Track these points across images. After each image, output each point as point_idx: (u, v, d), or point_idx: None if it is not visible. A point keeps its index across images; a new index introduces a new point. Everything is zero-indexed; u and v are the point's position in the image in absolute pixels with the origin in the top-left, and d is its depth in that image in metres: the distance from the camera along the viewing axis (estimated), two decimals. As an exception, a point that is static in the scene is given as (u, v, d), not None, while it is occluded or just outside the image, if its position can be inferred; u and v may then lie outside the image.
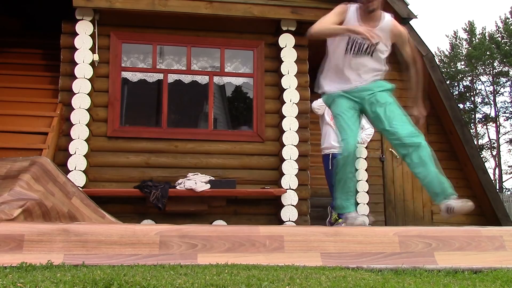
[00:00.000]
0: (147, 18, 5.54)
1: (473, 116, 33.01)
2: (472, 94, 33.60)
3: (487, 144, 33.05)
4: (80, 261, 2.45)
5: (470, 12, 60.70)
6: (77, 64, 5.28)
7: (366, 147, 7.40)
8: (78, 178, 4.99)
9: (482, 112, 33.62)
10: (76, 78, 5.26)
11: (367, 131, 5.75)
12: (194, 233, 2.76)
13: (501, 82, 32.67)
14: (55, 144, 5.19)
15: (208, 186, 5.15)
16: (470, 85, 33.66)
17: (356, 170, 5.18)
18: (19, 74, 6.03)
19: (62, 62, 5.40)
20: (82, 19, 5.35)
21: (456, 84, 33.20)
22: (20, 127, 5.13)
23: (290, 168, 5.48)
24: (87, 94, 5.25)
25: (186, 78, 5.78)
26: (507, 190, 24.29)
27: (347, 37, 3.30)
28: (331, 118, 5.35)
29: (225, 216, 5.36)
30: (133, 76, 5.67)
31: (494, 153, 32.51)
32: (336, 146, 5.10)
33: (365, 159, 7.37)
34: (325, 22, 3.26)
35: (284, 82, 5.62)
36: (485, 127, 33.65)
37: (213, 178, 5.29)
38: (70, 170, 5.03)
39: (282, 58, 5.68)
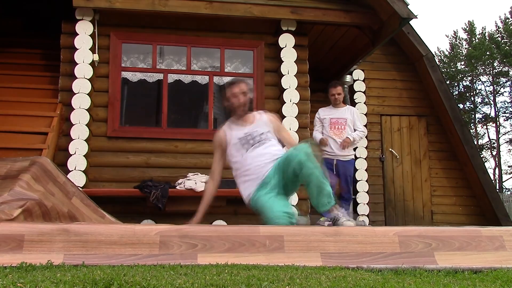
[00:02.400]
0: (147, 18, 5.54)
1: (473, 116, 33.00)
2: (472, 94, 33.59)
3: (487, 144, 33.05)
4: (80, 261, 2.45)
5: (470, 12, 60.69)
6: (77, 64, 5.27)
7: (366, 147, 7.41)
8: (78, 178, 4.99)
9: (482, 112, 33.63)
10: (76, 78, 5.25)
11: (359, 131, 5.67)
12: (194, 233, 2.76)
13: (501, 82, 32.66)
14: (55, 144, 5.18)
15: (208, 186, 5.15)
16: (470, 85, 33.65)
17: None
18: (19, 74, 6.03)
19: (62, 62, 5.40)
20: (82, 19, 5.35)
21: (456, 84, 33.19)
22: (20, 127, 5.13)
23: (290, 168, 5.47)
24: (87, 94, 5.25)
25: (186, 78, 5.78)
26: (507, 190, 24.30)
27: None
28: (330, 128, 5.60)
29: (225, 216, 5.35)
30: (133, 76, 5.67)
31: (494, 153, 32.51)
32: (332, 154, 5.49)
33: (365, 159, 7.38)
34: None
35: (284, 82, 5.62)
36: (485, 127, 33.66)
37: (213, 178, 5.28)
38: (70, 170, 5.03)
39: (282, 58, 5.68)
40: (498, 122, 32.78)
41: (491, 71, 32.68)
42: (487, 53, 31.94)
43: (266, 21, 5.72)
